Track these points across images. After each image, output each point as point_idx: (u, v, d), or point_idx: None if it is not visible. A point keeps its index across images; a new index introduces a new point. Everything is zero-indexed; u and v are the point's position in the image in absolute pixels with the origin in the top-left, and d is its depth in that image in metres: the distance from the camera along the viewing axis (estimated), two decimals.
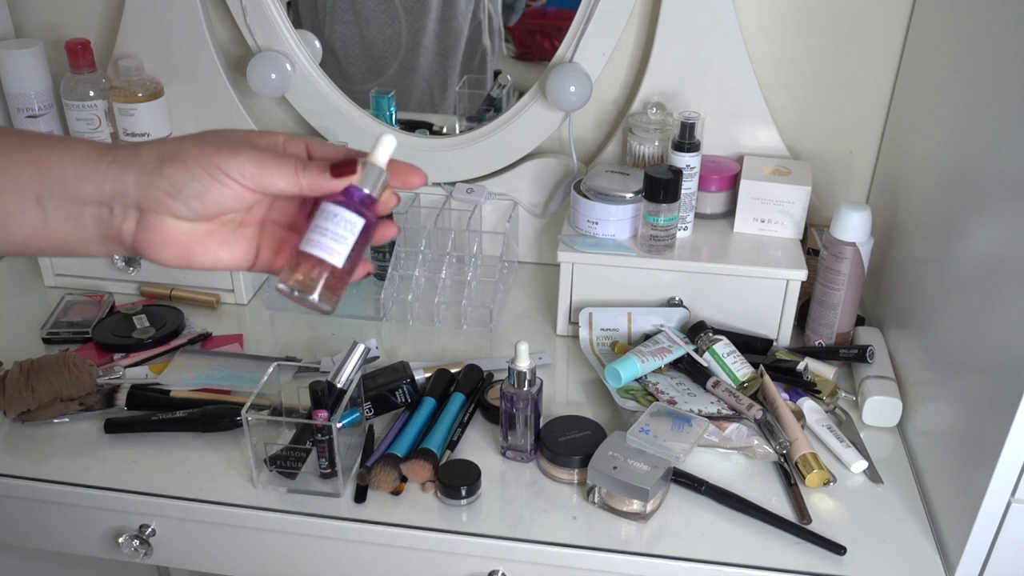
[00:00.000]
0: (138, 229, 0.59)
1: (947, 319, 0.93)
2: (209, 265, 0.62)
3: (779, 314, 1.11)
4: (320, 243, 0.59)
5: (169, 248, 0.60)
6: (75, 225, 0.59)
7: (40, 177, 0.58)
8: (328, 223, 0.59)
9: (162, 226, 0.59)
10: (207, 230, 0.61)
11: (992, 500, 0.79)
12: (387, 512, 0.90)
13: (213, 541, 0.95)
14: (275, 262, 0.64)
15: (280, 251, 0.64)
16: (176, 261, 0.61)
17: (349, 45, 1.30)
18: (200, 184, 0.57)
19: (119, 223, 0.59)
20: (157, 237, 0.59)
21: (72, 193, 0.58)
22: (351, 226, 0.59)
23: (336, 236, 0.59)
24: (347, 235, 0.59)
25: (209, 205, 0.58)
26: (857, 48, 1.18)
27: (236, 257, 0.63)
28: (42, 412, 0.99)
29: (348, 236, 0.59)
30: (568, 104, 1.18)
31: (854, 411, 1.04)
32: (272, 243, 0.64)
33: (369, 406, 1.00)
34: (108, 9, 1.30)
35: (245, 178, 0.58)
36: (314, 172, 0.59)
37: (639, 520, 0.89)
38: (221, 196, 0.58)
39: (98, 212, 0.59)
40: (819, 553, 0.85)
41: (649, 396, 1.02)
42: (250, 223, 0.64)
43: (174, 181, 0.57)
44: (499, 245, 1.24)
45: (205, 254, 0.61)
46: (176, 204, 0.58)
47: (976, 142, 0.90)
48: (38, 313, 1.20)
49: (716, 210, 1.19)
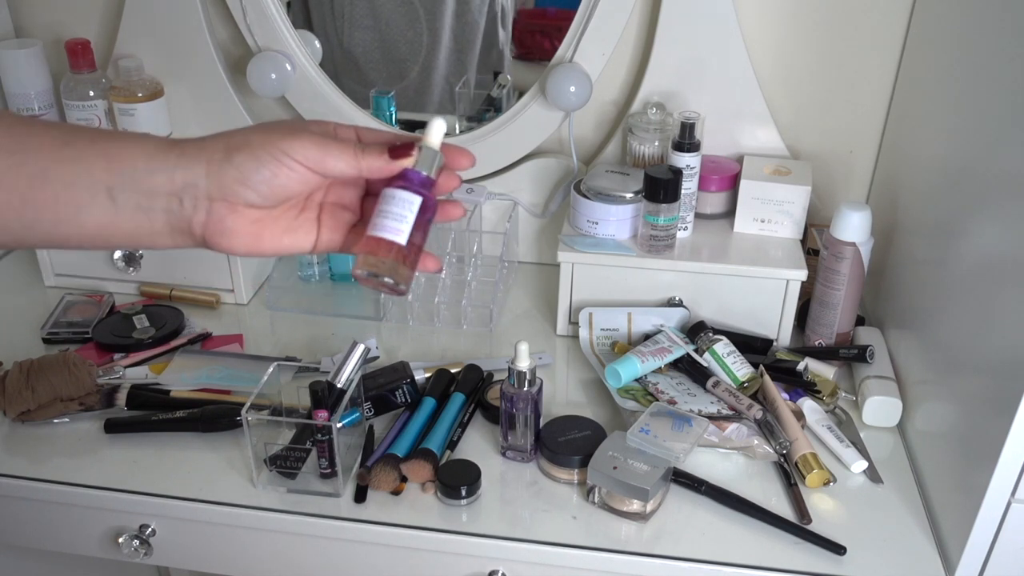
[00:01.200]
0: (208, 220, 0.60)
1: (947, 319, 0.93)
2: (275, 250, 0.64)
3: (779, 314, 1.11)
4: (383, 225, 0.62)
5: (239, 237, 0.62)
6: (146, 217, 0.60)
7: (111, 170, 0.59)
8: (389, 206, 0.62)
9: (232, 215, 0.61)
10: (273, 217, 0.63)
11: (992, 500, 0.79)
12: (387, 512, 0.90)
13: (213, 541, 0.95)
14: (334, 242, 0.66)
15: (337, 230, 0.66)
16: (245, 249, 0.62)
17: (370, 50, 1.30)
18: (268, 170, 0.59)
19: (189, 215, 0.60)
20: (228, 226, 0.61)
21: (143, 185, 0.59)
22: (409, 205, 0.62)
23: (397, 216, 0.62)
24: (406, 214, 0.62)
25: (277, 189, 0.60)
26: (857, 48, 1.18)
27: (300, 241, 0.65)
28: (42, 412, 0.99)
29: (408, 215, 0.62)
30: (568, 104, 1.18)
31: (854, 411, 1.04)
32: (331, 224, 0.66)
33: (369, 406, 1.01)
34: (108, 9, 1.30)
35: (309, 160, 0.60)
36: (372, 155, 0.61)
37: (639, 520, 0.89)
38: (288, 180, 0.60)
39: (168, 204, 0.60)
40: (819, 553, 0.85)
41: (649, 396, 1.02)
42: (310, 207, 0.66)
43: (243, 169, 0.59)
44: (499, 245, 1.24)
45: (272, 240, 0.63)
46: (246, 191, 0.60)
47: (976, 142, 0.90)
48: (38, 313, 1.20)
49: (716, 210, 1.19)
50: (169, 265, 1.22)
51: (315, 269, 1.26)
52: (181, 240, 0.62)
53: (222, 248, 0.62)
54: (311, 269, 1.26)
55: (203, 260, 1.21)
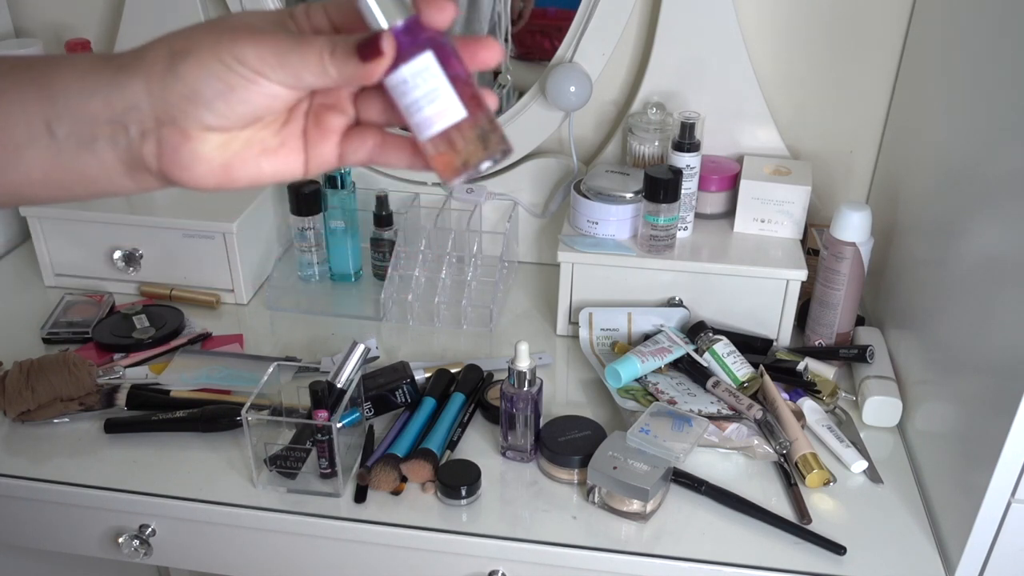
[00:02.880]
0: (161, 149, 0.48)
1: (947, 319, 0.93)
2: (253, 180, 0.51)
3: (779, 314, 1.11)
4: (427, 119, 0.48)
5: (202, 169, 0.49)
6: (91, 154, 0.49)
7: (44, 98, 0.48)
8: (411, 93, 0.47)
9: (187, 142, 0.48)
10: (243, 139, 0.50)
11: (992, 500, 0.79)
12: (387, 512, 0.90)
13: (213, 541, 0.95)
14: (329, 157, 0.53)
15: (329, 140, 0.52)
16: (212, 181, 0.50)
17: None
18: (221, 82, 0.46)
19: (138, 145, 0.48)
20: (185, 156, 0.48)
21: (80, 113, 0.48)
22: (429, 72, 0.47)
23: (430, 95, 0.47)
24: (437, 83, 0.47)
25: (237, 107, 0.47)
26: (857, 48, 1.18)
27: (285, 164, 0.52)
28: (42, 412, 0.99)
29: (439, 84, 0.47)
30: (568, 104, 1.18)
31: (854, 411, 1.04)
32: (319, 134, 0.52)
33: (369, 406, 1.01)
34: (108, 9, 1.30)
35: (267, 68, 0.46)
36: (342, 58, 0.46)
37: (639, 520, 0.89)
38: (249, 95, 0.47)
39: (112, 134, 0.48)
40: (819, 553, 0.85)
41: (649, 396, 1.02)
42: (295, 119, 0.52)
43: (190, 82, 0.46)
44: (499, 245, 1.24)
45: (247, 169, 0.50)
46: (199, 110, 0.47)
47: (976, 142, 0.90)
48: (38, 313, 1.20)
49: (716, 210, 1.19)
50: (169, 265, 1.22)
51: (315, 269, 1.26)
52: (142, 179, 0.50)
53: (185, 183, 0.49)
54: (311, 269, 1.26)
55: (203, 260, 1.21)
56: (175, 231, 1.20)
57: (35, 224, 1.23)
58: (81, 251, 1.24)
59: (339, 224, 1.23)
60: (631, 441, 0.92)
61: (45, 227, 1.23)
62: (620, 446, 0.91)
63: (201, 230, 1.19)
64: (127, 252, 1.22)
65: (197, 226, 1.19)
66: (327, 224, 1.23)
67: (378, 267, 1.25)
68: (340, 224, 1.23)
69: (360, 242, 1.26)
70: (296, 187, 1.20)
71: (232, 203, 1.21)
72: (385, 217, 1.23)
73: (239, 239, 1.19)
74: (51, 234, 1.23)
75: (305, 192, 1.20)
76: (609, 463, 0.89)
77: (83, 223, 1.21)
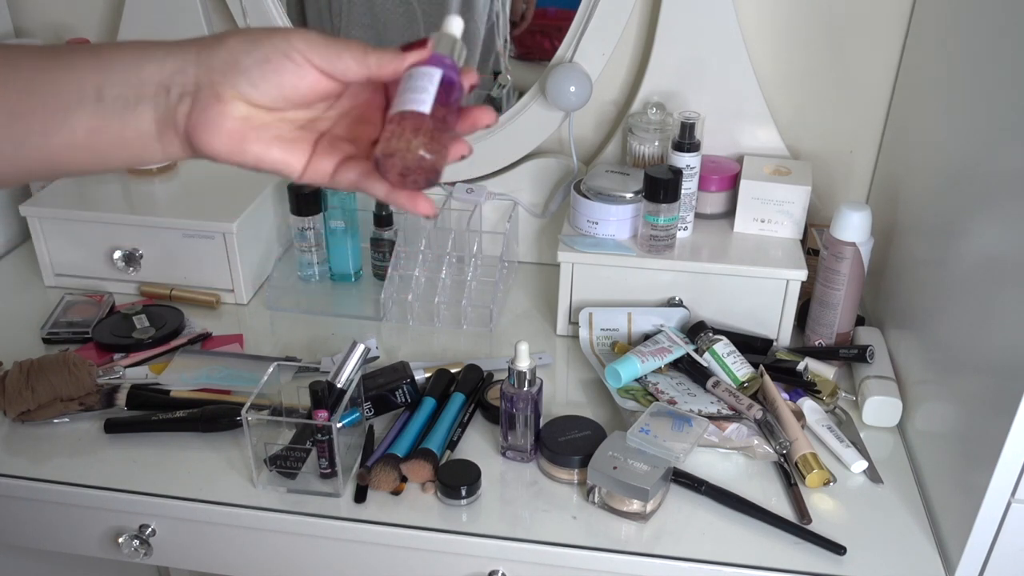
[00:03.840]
0: (193, 109, 0.55)
1: (947, 319, 0.93)
2: (260, 159, 0.58)
3: (779, 314, 1.11)
4: (402, 100, 0.57)
5: (222, 133, 0.56)
6: (133, 115, 0.55)
7: (100, 68, 0.55)
8: (407, 83, 0.57)
9: (218, 105, 0.55)
10: (265, 120, 0.57)
11: (992, 500, 0.79)
12: (387, 512, 0.90)
13: (213, 541, 0.95)
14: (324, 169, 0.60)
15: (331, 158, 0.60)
16: (227, 149, 0.56)
17: None
18: (261, 52, 0.55)
19: (175, 105, 0.55)
20: (211, 115, 0.55)
21: (132, 78, 0.55)
22: (429, 77, 0.57)
23: (417, 89, 0.57)
24: (427, 85, 0.57)
25: (272, 76, 0.55)
26: (857, 48, 1.18)
27: (290, 157, 0.59)
28: (42, 412, 0.99)
29: (429, 86, 0.57)
30: (568, 104, 1.18)
31: (854, 411, 1.04)
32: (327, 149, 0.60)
33: (369, 406, 1.01)
34: (108, 9, 1.30)
35: (312, 52, 0.55)
36: (383, 52, 0.56)
37: (639, 520, 0.89)
38: (284, 72, 0.55)
39: (155, 95, 0.56)
40: (819, 553, 0.85)
41: (649, 396, 1.02)
42: (310, 129, 0.60)
43: (234, 50, 0.55)
44: (499, 245, 1.24)
45: (260, 146, 0.57)
46: (236, 76, 0.55)
47: (976, 142, 0.90)
48: (38, 313, 1.20)
49: (716, 210, 1.19)
50: (169, 265, 1.22)
51: (315, 269, 1.26)
52: (169, 142, 0.57)
53: (203, 147, 0.56)
54: (311, 269, 1.26)
55: (203, 260, 1.21)
56: (175, 231, 1.20)
57: (35, 224, 1.23)
58: (81, 251, 1.24)
59: (339, 224, 1.23)
60: (631, 441, 0.92)
61: (45, 227, 1.23)
62: (620, 446, 0.91)
63: (201, 230, 1.19)
64: (127, 252, 1.22)
65: (197, 226, 1.19)
66: (327, 224, 1.23)
67: (378, 267, 1.25)
68: (340, 224, 1.23)
69: (360, 242, 1.26)
70: (296, 187, 1.20)
71: (232, 203, 1.21)
72: (385, 217, 1.23)
73: (239, 239, 1.19)
74: (51, 234, 1.23)
75: (305, 192, 1.20)
76: (609, 463, 0.89)
77: (83, 223, 1.21)
